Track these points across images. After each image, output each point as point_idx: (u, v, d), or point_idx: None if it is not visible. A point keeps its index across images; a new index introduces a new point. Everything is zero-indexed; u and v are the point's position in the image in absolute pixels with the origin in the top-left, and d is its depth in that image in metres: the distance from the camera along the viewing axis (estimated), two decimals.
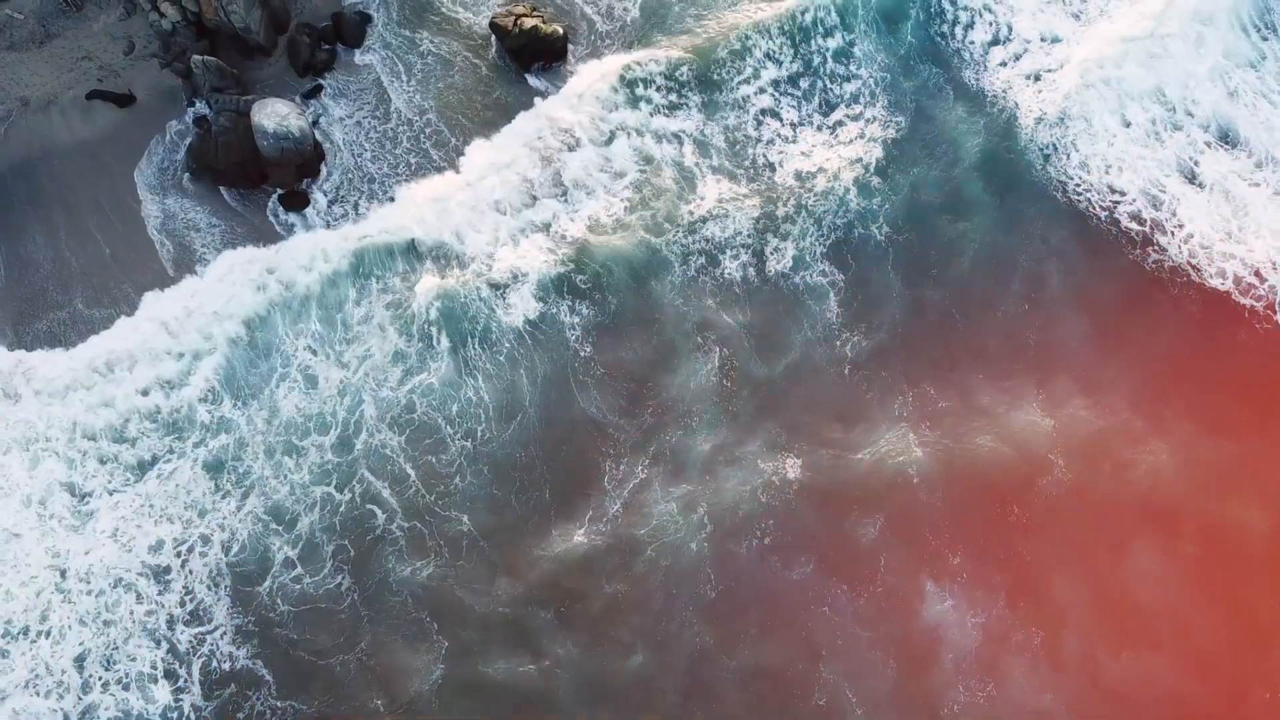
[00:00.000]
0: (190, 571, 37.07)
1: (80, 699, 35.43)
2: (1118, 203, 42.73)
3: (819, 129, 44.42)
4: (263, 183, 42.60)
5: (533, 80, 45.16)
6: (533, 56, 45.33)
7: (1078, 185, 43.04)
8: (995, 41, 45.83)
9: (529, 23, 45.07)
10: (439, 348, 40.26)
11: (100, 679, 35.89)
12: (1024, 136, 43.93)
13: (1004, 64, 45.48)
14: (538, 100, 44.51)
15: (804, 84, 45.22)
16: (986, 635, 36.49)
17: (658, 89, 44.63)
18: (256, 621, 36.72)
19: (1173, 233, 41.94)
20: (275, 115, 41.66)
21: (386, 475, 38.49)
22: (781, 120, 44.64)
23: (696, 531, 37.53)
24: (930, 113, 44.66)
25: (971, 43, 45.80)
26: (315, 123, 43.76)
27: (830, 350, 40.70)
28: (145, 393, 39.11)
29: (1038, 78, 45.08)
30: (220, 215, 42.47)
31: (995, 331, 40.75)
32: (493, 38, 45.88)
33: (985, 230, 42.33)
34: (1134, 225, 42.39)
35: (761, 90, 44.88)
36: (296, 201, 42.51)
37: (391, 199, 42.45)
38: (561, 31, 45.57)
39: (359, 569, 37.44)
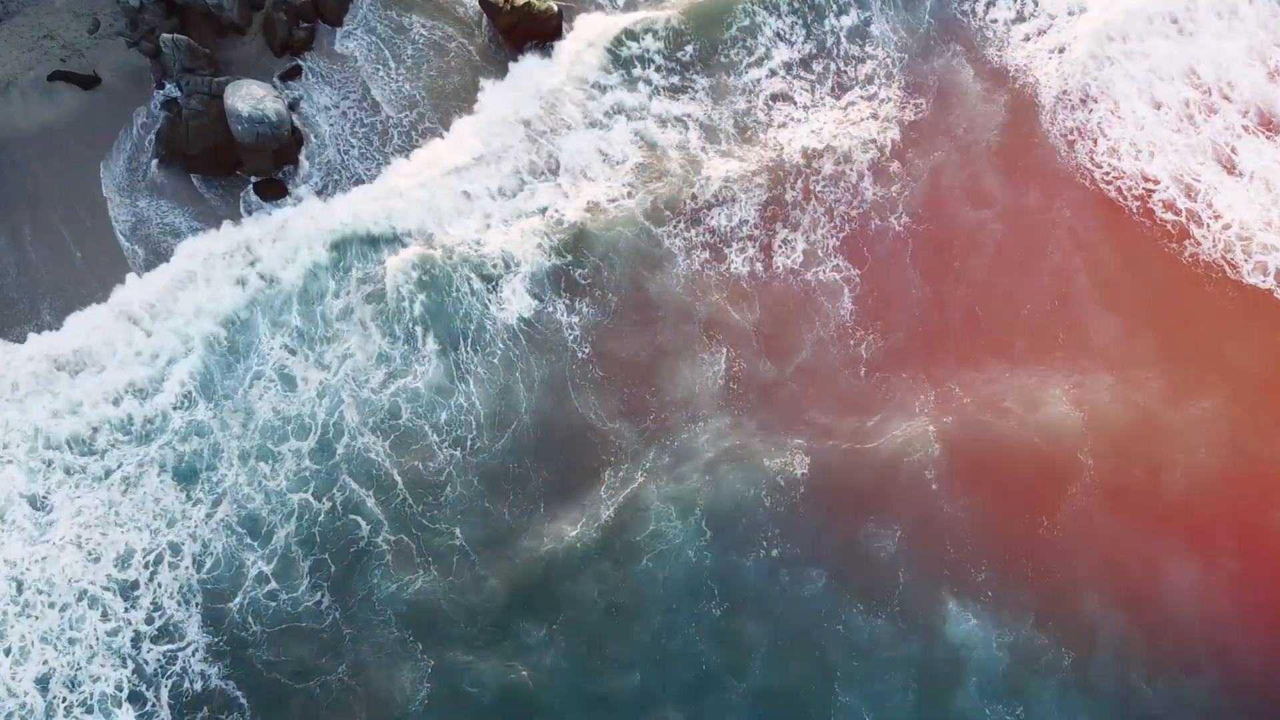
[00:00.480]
0: (159, 585, 35.91)
1: None
2: (1151, 191, 40.83)
3: (832, 110, 42.26)
4: (236, 170, 40.99)
5: (526, 61, 42.62)
6: (525, 36, 43.01)
7: (1107, 173, 41.13)
8: (1019, 19, 43.71)
9: None
10: (425, 349, 38.46)
11: (64, 701, 34.63)
12: (1046, 118, 42.01)
13: (1027, 39, 43.35)
14: (514, 68, 42.24)
15: (817, 67, 42.94)
16: (1014, 656, 35.52)
17: (657, 69, 42.46)
18: (229, 641, 35.45)
19: (1209, 224, 39.95)
20: (250, 98, 39.93)
21: (371, 483, 36.83)
22: (794, 103, 42.41)
23: (696, 538, 36.34)
24: (951, 94, 42.49)
25: (994, 20, 43.62)
26: (293, 106, 41.69)
27: (845, 350, 38.96)
28: (116, 402, 37.49)
29: (1061, 50, 42.95)
30: (199, 217, 40.21)
31: (1022, 330, 39.06)
32: (483, 17, 43.27)
33: (1010, 220, 40.59)
34: (1168, 216, 40.56)
35: (772, 73, 42.62)
36: (273, 190, 40.80)
37: (374, 178, 40.60)
38: (556, 9, 43.10)
39: (340, 585, 36.07)
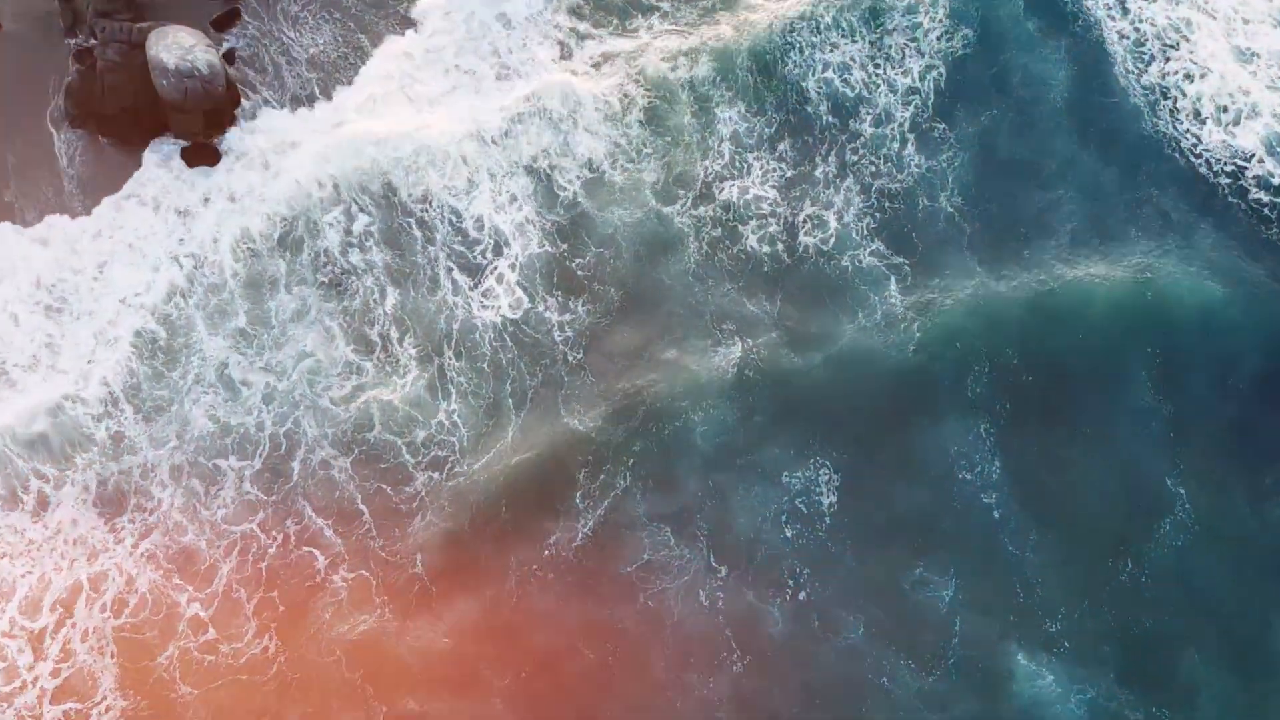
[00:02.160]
0: (73, 626, 31.59)
1: None
2: (1244, 168, 36.49)
3: (867, 43, 38.10)
4: (161, 134, 36.66)
5: None
6: None
7: (1194, 143, 36.82)
8: None
9: None
10: (402, 356, 34.53)
11: None
12: (1119, 69, 37.92)
13: None
14: None
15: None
16: (1095, 718, 32.00)
17: (661, 15, 38.55)
18: (153, 705, 31.10)
19: None
20: (177, 47, 35.37)
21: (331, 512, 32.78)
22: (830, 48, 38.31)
23: (708, 576, 32.60)
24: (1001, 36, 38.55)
25: None
26: (229, 57, 37.17)
27: (888, 343, 35.06)
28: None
29: None
30: (116, 188, 35.39)
31: (1106, 330, 35.03)
32: None
33: (1085, 199, 36.50)
34: (1263, 196, 36.43)
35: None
36: (204, 157, 36.29)
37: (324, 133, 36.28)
38: None
39: (289, 627, 31.90)
